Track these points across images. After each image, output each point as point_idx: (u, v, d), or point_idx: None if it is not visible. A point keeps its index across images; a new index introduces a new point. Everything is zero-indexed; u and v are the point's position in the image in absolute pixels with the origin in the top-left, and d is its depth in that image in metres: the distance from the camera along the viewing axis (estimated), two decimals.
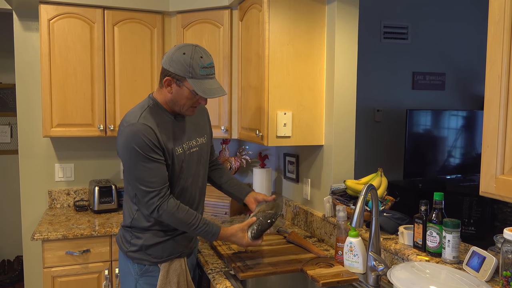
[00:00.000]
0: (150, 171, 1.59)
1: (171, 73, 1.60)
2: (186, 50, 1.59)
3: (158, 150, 1.60)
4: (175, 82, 1.61)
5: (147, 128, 1.58)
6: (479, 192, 1.11)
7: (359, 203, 1.53)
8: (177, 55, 1.59)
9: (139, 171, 1.59)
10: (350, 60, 2.17)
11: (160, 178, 1.60)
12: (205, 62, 1.60)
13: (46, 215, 2.64)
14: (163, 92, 1.67)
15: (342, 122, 2.17)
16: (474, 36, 4.19)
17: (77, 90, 2.56)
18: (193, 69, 1.57)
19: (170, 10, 2.70)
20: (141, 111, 1.64)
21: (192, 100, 1.65)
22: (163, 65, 1.63)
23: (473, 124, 4.03)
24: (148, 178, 1.59)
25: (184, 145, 1.72)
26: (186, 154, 1.72)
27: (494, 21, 1.05)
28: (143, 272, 1.73)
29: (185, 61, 1.57)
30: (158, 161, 1.60)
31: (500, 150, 1.04)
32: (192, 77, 1.58)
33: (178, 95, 1.63)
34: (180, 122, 1.74)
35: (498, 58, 1.04)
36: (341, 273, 1.69)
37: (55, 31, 2.50)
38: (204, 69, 1.59)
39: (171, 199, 1.63)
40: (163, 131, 1.64)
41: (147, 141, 1.57)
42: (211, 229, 1.69)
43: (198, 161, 1.79)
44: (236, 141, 3.05)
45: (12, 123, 4.07)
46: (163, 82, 1.64)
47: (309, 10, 2.17)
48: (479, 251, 1.43)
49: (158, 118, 1.65)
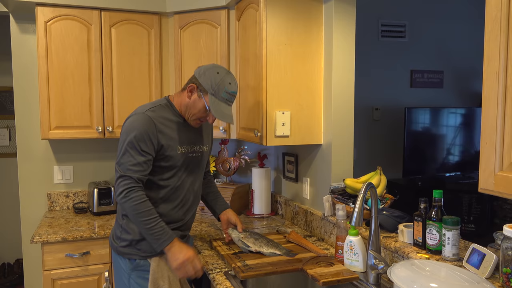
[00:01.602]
0: (133, 160, 1.66)
1: (198, 82, 1.73)
2: (220, 71, 1.74)
3: (150, 144, 1.68)
4: (197, 92, 1.73)
5: (149, 120, 1.68)
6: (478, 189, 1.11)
7: (358, 201, 1.53)
8: (211, 71, 1.73)
9: (124, 156, 1.67)
10: (348, 59, 2.17)
11: (139, 169, 1.67)
12: (231, 89, 1.73)
13: (46, 218, 2.64)
14: (182, 96, 1.79)
15: (340, 121, 2.17)
16: (472, 34, 4.19)
17: (75, 92, 2.55)
18: (218, 89, 1.71)
19: (167, 11, 2.69)
20: (152, 106, 1.76)
21: (202, 114, 1.76)
22: (195, 73, 1.76)
23: (472, 122, 4.03)
24: (129, 165, 1.66)
25: (187, 147, 1.81)
26: (188, 155, 1.81)
27: (491, 18, 1.05)
28: (134, 266, 1.76)
29: (215, 79, 1.71)
30: (146, 155, 1.67)
31: (499, 146, 1.04)
32: (213, 94, 1.71)
33: (194, 104, 1.75)
34: (188, 126, 1.83)
35: (495, 54, 1.04)
36: (341, 272, 1.69)
37: (52, 33, 2.49)
38: (227, 94, 1.73)
39: (141, 191, 1.67)
40: (167, 128, 1.74)
41: (144, 132, 1.66)
42: (164, 236, 1.65)
43: (197, 166, 1.87)
44: (235, 141, 3.05)
45: (10, 126, 4.06)
46: (187, 86, 1.76)
47: (306, 9, 2.17)
48: (479, 248, 1.42)
49: (166, 116, 1.76)
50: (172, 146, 1.74)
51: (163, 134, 1.72)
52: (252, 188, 2.69)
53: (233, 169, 2.82)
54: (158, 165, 1.74)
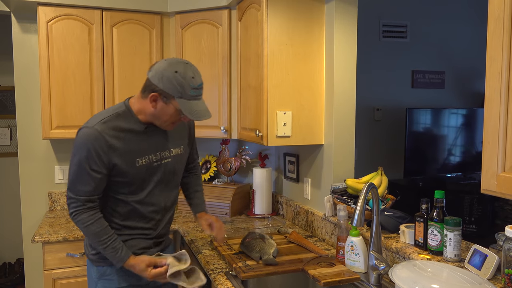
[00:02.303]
0: (82, 180, 1.55)
1: (159, 90, 1.55)
2: (178, 68, 1.54)
3: (100, 162, 1.55)
4: (162, 99, 1.56)
5: (98, 136, 1.54)
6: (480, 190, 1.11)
7: (359, 202, 1.53)
8: (169, 73, 1.53)
9: (73, 174, 1.57)
10: (349, 59, 2.16)
11: (89, 189, 1.56)
12: (196, 83, 1.56)
13: (47, 217, 2.64)
14: (145, 104, 1.61)
15: (342, 121, 2.17)
16: (473, 34, 4.19)
17: (76, 92, 2.55)
18: (183, 90, 1.53)
19: (169, 11, 2.69)
20: (107, 115, 1.61)
21: (175, 118, 1.62)
22: (151, 79, 1.56)
23: (473, 122, 4.02)
24: (77, 185, 1.56)
25: (152, 156, 1.67)
26: (153, 165, 1.67)
27: (494, 17, 1.04)
28: (100, 275, 1.70)
29: (177, 80, 1.52)
30: (96, 173, 1.55)
31: (501, 147, 1.04)
32: (181, 97, 1.54)
33: (162, 112, 1.59)
34: (152, 133, 1.68)
35: (498, 55, 1.04)
36: (342, 273, 1.68)
37: (53, 33, 2.50)
38: (194, 90, 1.56)
39: (89, 212, 1.58)
40: (121, 141, 1.59)
41: (93, 150, 1.53)
42: (119, 255, 1.60)
43: (169, 172, 1.74)
44: (236, 141, 3.05)
45: (11, 126, 4.06)
46: (149, 97, 1.57)
47: (308, 9, 2.17)
48: (480, 249, 1.42)
49: (122, 126, 1.61)
50: (129, 160, 1.60)
51: (115, 148, 1.57)
52: (253, 188, 2.69)
53: (234, 169, 2.82)
54: (115, 181, 1.62)
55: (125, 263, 1.61)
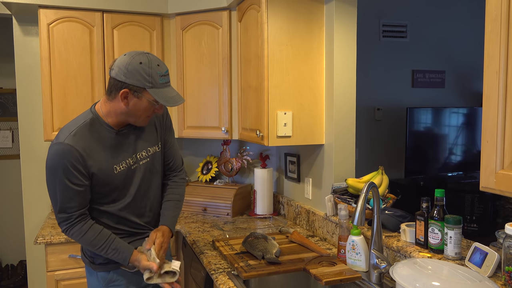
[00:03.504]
0: (66, 196, 1.52)
1: (128, 85, 1.50)
2: (141, 59, 1.50)
3: (80, 174, 1.51)
4: (133, 94, 1.52)
5: (71, 151, 1.49)
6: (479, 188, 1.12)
7: (360, 201, 1.53)
8: (134, 65, 1.49)
9: (55, 193, 1.53)
10: (349, 59, 2.17)
11: (75, 203, 1.53)
12: (163, 70, 1.53)
13: (49, 219, 2.65)
14: (114, 105, 1.56)
15: (342, 121, 2.17)
16: (473, 33, 4.19)
17: (78, 94, 2.57)
18: (153, 79, 1.50)
19: (169, 12, 2.71)
20: (75, 127, 1.55)
21: (150, 111, 1.58)
22: (116, 77, 1.51)
23: (474, 121, 4.03)
24: (62, 202, 1.53)
25: (129, 160, 1.64)
26: (131, 169, 1.64)
27: (491, 18, 1.05)
28: (107, 281, 1.67)
29: (144, 70, 1.49)
30: (78, 187, 1.52)
31: (500, 145, 1.05)
32: (152, 86, 1.50)
33: (136, 107, 1.55)
34: (123, 136, 1.64)
35: (496, 54, 1.04)
36: (343, 272, 1.69)
37: (54, 35, 2.51)
38: (163, 77, 1.53)
39: (81, 223, 1.56)
40: (94, 151, 1.55)
41: (69, 165, 1.49)
42: (121, 254, 1.60)
43: (150, 171, 1.71)
44: (237, 142, 3.06)
45: (13, 128, 4.07)
46: (119, 95, 1.52)
47: (308, 10, 2.18)
48: (481, 247, 1.43)
49: (93, 136, 1.57)
50: (106, 169, 1.57)
51: (90, 161, 1.53)
52: (254, 189, 2.70)
53: (235, 169, 2.83)
54: (97, 191, 1.59)
55: (131, 259, 1.61)
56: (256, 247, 1.90)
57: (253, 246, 1.91)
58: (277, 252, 1.88)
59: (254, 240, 1.96)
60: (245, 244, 1.95)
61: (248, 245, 1.93)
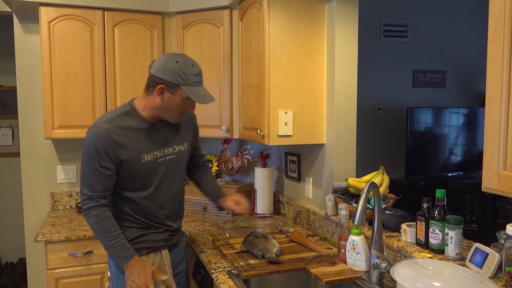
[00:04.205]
0: (94, 176, 1.64)
1: (164, 81, 1.63)
2: (177, 59, 1.64)
3: (108, 158, 1.63)
4: (169, 90, 1.64)
5: (105, 134, 1.63)
6: (482, 188, 1.11)
7: (361, 201, 1.53)
8: (171, 64, 1.63)
9: (85, 172, 1.65)
10: (351, 59, 2.17)
11: (100, 186, 1.64)
12: (197, 70, 1.66)
13: (49, 217, 2.65)
14: (151, 99, 1.69)
15: (343, 121, 2.17)
16: (475, 33, 4.19)
17: (78, 92, 2.56)
18: (187, 77, 1.63)
19: (170, 11, 2.70)
20: (112, 115, 1.69)
21: (182, 107, 1.70)
22: (154, 73, 1.65)
23: (474, 121, 4.02)
24: (89, 182, 1.64)
25: (157, 152, 1.75)
26: (158, 161, 1.75)
27: (495, 18, 1.05)
28: (121, 269, 1.75)
29: (180, 69, 1.62)
30: (105, 170, 1.64)
31: (502, 146, 1.04)
32: (186, 84, 1.63)
33: (170, 103, 1.67)
34: (156, 130, 1.76)
35: (499, 54, 1.04)
36: (344, 271, 1.69)
37: (55, 33, 2.50)
38: (196, 77, 1.65)
39: (103, 208, 1.66)
40: (127, 138, 1.67)
41: (101, 148, 1.62)
42: (127, 251, 1.67)
43: (174, 168, 1.81)
44: (237, 141, 3.05)
45: (13, 126, 4.07)
46: (155, 89, 1.65)
47: (309, 9, 2.17)
48: (482, 248, 1.43)
49: (127, 124, 1.69)
50: (135, 156, 1.68)
51: (122, 145, 1.65)
52: (255, 188, 2.70)
53: (236, 168, 2.83)
54: (123, 178, 1.70)
55: (131, 260, 1.66)
56: (256, 246, 1.89)
57: (253, 245, 1.90)
58: (277, 251, 1.88)
59: (254, 239, 1.96)
60: (245, 243, 1.95)
61: (248, 244, 1.93)
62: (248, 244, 1.93)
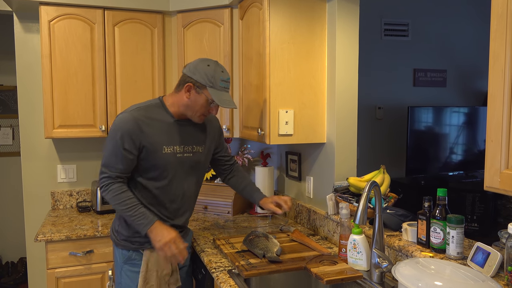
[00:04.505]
0: (116, 158, 1.73)
1: (193, 80, 1.76)
2: (210, 63, 1.78)
3: (132, 143, 1.73)
4: (195, 89, 1.76)
5: (133, 120, 1.74)
6: (484, 187, 1.11)
7: (362, 200, 1.53)
8: (202, 66, 1.76)
9: (108, 153, 1.75)
10: (351, 58, 2.16)
11: (122, 167, 1.74)
12: (225, 77, 1.78)
13: (49, 216, 2.65)
14: (179, 96, 1.81)
15: (344, 120, 2.17)
16: (475, 32, 4.18)
17: (78, 91, 2.56)
18: (214, 80, 1.75)
19: (171, 10, 2.70)
20: (141, 105, 1.82)
21: (205, 108, 1.80)
22: (186, 72, 1.79)
23: (475, 121, 4.02)
24: (112, 162, 1.74)
25: (177, 147, 1.84)
26: (176, 156, 1.83)
27: (497, 14, 1.04)
28: (126, 259, 1.86)
29: (209, 72, 1.75)
30: (127, 153, 1.73)
31: (504, 144, 1.04)
32: (212, 86, 1.75)
33: (195, 101, 1.78)
34: (180, 125, 1.85)
35: (502, 52, 1.04)
36: (345, 271, 1.68)
37: (55, 32, 2.50)
38: (223, 82, 1.78)
39: (120, 183, 1.75)
40: (152, 128, 1.77)
41: (127, 130, 1.72)
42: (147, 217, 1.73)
43: (190, 166, 1.89)
44: (237, 140, 3.05)
45: (14, 125, 4.07)
46: (184, 87, 1.78)
47: (310, 7, 2.17)
48: (483, 247, 1.42)
49: (155, 115, 1.80)
50: (156, 146, 1.77)
51: (146, 134, 1.75)
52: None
53: None
54: (142, 164, 1.79)
55: (153, 225, 1.72)
56: (257, 245, 1.89)
57: (254, 245, 1.90)
58: (278, 250, 1.88)
59: (255, 238, 1.95)
60: (246, 242, 1.95)
61: (249, 243, 1.92)
62: (248, 243, 1.93)
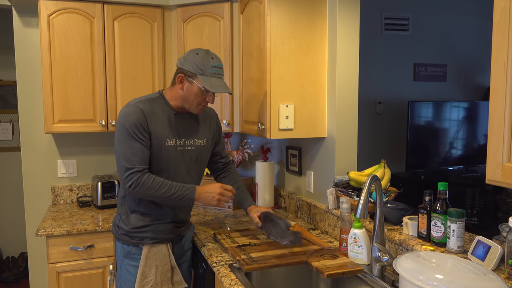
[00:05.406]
0: (133, 150, 1.73)
1: (183, 71, 1.78)
2: (199, 52, 1.79)
3: (144, 132, 1.74)
4: (187, 79, 1.78)
5: (138, 110, 1.75)
6: (485, 180, 1.11)
7: (363, 194, 1.53)
8: (191, 55, 1.78)
9: (124, 147, 1.73)
10: (352, 52, 2.16)
11: (141, 158, 1.74)
12: (215, 63, 1.78)
13: (50, 211, 2.65)
14: (175, 89, 1.83)
15: (344, 114, 2.16)
16: (476, 26, 4.17)
17: (78, 86, 2.55)
18: (203, 67, 1.75)
19: (170, 4, 2.68)
20: (143, 98, 1.83)
21: (201, 97, 1.80)
22: (178, 65, 1.81)
23: (475, 115, 4.02)
24: (131, 156, 1.72)
25: (178, 140, 1.85)
26: (177, 149, 1.85)
27: (500, 8, 1.04)
28: (126, 253, 1.88)
29: (197, 60, 1.76)
30: (142, 142, 1.74)
31: (506, 138, 1.04)
32: (202, 74, 1.75)
33: (188, 92, 1.79)
34: (180, 119, 1.87)
35: (504, 45, 1.03)
36: (345, 265, 1.69)
37: (55, 27, 2.49)
38: (214, 68, 1.77)
39: (147, 174, 1.74)
40: (156, 119, 1.79)
41: (136, 121, 1.73)
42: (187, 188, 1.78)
43: (191, 159, 1.90)
44: (238, 135, 3.05)
45: (13, 120, 4.06)
46: (176, 79, 1.80)
47: (310, 1, 2.16)
48: (484, 240, 1.43)
49: (156, 108, 1.82)
50: (160, 138, 1.79)
51: (151, 125, 1.77)
52: (256, 182, 2.69)
53: (237, 162, 2.82)
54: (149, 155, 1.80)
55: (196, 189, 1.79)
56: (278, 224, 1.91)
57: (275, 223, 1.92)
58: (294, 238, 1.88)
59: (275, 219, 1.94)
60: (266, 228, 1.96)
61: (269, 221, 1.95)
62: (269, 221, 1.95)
